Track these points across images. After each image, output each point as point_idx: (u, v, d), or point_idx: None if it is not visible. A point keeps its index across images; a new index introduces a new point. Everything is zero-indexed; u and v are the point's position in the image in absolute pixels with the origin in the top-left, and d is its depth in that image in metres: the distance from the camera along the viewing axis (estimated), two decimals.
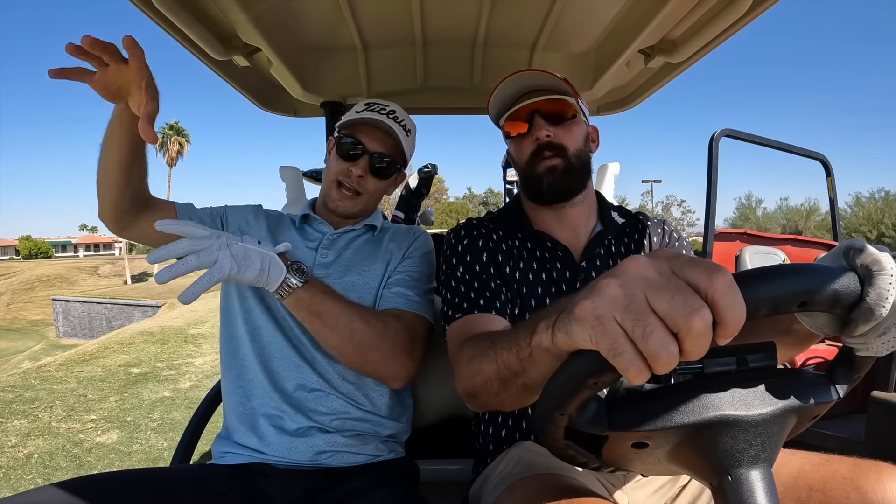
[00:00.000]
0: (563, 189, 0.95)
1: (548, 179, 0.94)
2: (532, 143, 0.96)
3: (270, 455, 0.93)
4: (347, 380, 0.97)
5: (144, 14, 0.98)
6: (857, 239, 0.46)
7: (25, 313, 25.98)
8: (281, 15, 1.17)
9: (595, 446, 0.49)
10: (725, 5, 1.02)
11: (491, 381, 0.63)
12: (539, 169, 0.95)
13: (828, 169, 3.08)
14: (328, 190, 1.07)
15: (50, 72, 0.77)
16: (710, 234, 2.47)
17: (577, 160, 0.96)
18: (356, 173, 1.04)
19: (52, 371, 5.18)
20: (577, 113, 0.97)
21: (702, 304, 0.34)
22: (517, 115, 0.97)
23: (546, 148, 0.94)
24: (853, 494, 0.64)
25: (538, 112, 0.95)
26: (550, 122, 0.95)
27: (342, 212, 1.07)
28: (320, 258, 1.04)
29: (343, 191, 1.05)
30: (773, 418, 0.43)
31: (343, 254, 1.06)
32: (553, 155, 0.94)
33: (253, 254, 0.83)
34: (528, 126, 0.96)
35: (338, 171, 1.05)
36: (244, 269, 0.82)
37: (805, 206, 36.72)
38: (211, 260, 0.78)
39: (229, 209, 1.10)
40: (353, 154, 1.04)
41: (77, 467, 3.10)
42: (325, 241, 1.06)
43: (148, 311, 16.80)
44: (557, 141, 0.94)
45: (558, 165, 0.94)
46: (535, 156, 0.95)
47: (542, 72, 0.95)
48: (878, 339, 0.44)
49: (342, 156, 1.05)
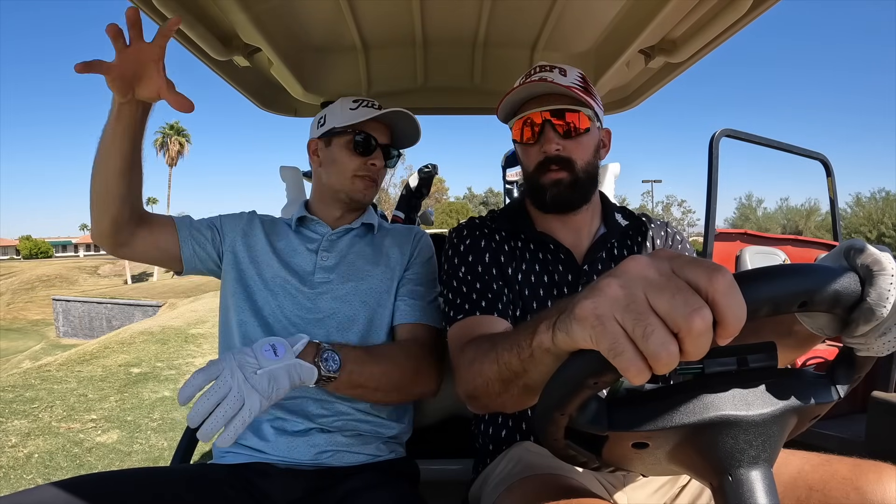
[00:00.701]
0: (567, 202, 0.94)
1: (552, 192, 0.92)
2: (540, 153, 0.93)
3: (271, 455, 0.94)
4: None
5: (145, 14, 0.97)
6: (858, 239, 0.46)
7: (26, 313, 25.98)
8: (281, 15, 1.17)
9: (595, 446, 0.49)
10: (725, 5, 1.02)
11: (492, 383, 0.63)
12: (544, 180, 0.93)
13: (828, 169, 3.07)
14: (349, 184, 1.07)
15: (76, 67, 0.77)
16: (710, 234, 2.47)
17: (584, 174, 0.93)
18: (379, 164, 1.08)
19: (53, 371, 5.18)
20: (590, 126, 0.93)
21: (702, 304, 0.34)
22: (528, 120, 0.94)
23: (553, 161, 0.92)
24: (853, 495, 0.64)
25: (550, 122, 0.92)
26: (561, 135, 0.91)
27: (367, 201, 1.11)
28: (321, 261, 1.04)
29: (367, 181, 1.08)
30: (774, 418, 0.43)
31: (345, 257, 1.06)
32: (560, 168, 0.91)
33: (278, 373, 0.75)
34: (538, 134, 0.93)
35: (357, 166, 1.06)
36: (275, 393, 0.74)
37: (805, 207, 36.75)
38: (238, 405, 0.71)
39: (224, 218, 1.10)
40: (370, 148, 1.07)
41: (77, 467, 3.10)
42: (325, 243, 1.06)
43: (148, 311, 16.78)
44: (566, 155, 0.92)
45: (564, 179, 0.92)
46: (542, 166, 0.93)
47: (565, 87, 0.89)
48: (879, 339, 0.44)
49: (360, 152, 1.06)
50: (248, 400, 0.71)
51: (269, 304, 1.00)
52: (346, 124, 1.05)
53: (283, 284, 1.01)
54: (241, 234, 1.07)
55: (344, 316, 1.00)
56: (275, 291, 1.01)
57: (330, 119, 1.08)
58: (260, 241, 1.06)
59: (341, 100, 1.10)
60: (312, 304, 1.00)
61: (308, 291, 1.01)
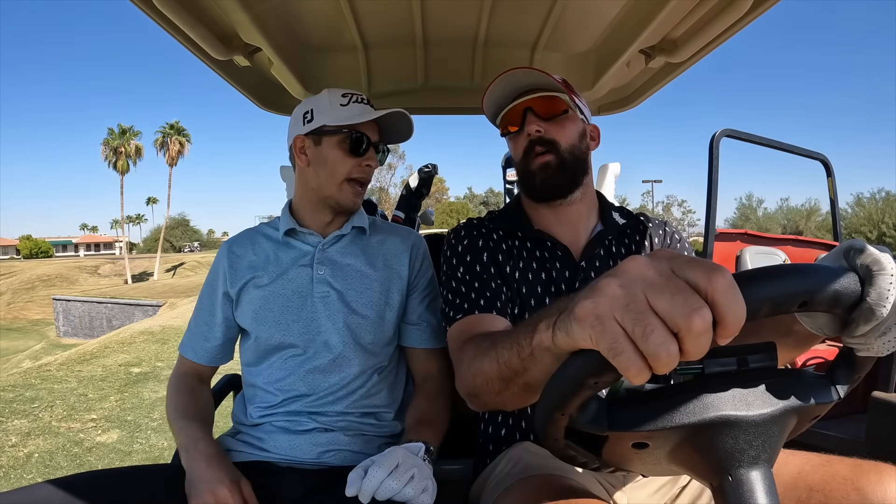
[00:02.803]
0: (557, 185, 0.95)
1: (541, 176, 0.95)
2: (525, 139, 0.97)
3: (273, 453, 0.94)
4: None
5: (145, 14, 0.98)
6: (858, 239, 0.46)
7: (26, 313, 25.99)
8: (281, 15, 1.17)
9: (595, 446, 0.49)
10: (726, 5, 1.02)
11: (492, 381, 0.63)
12: (532, 166, 0.96)
13: (828, 169, 3.07)
14: (337, 190, 1.01)
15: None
16: (710, 234, 2.46)
17: (570, 156, 0.95)
18: (374, 165, 1.03)
19: (53, 370, 5.18)
20: (568, 109, 0.97)
21: (702, 304, 0.34)
22: (511, 114, 0.99)
23: (537, 143, 0.95)
24: (853, 495, 0.64)
25: (530, 109, 0.96)
26: (541, 118, 0.96)
27: (356, 208, 1.05)
28: (317, 274, 1.01)
29: (357, 187, 1.03)
30: (774, 419, 0.43)
31: (340, 270, 1.02)
32: (545, 151, 0.95)
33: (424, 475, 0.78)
34: (520, 122, 0.97)
35: (350, 168, 1.00)
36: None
37: (806, 207, 36.71)
38: (421, 487, 0.73)
39: (219, 278, 1.05)
40: (365, 148, 1.01)
41: (77, 467, 3.10)
42: (318, 256, 1.02)
43: (148, 311, 16.79)
44: (549, 136, 0.95)
45: (551, 162, 0.94)
46: (528, 152, 0.96)
47: (532, 69, 0.95)
48: (879, 339, 0.44)
49: (355, 153, 1.00)
50: (432, 485, 0.75)
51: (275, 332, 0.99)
52: (342, 124, 0.99)
53: (286, 304, 0.99)
54: (231, 282, 1.02)
55: (355, 323, 0.99)
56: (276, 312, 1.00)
57: (319, 115, 1.00)
58: (249, 279, 1.02)
59: (328, 93, 1.02)
60: (314, 317, 0.99)
61: (310, 306, 0.99)
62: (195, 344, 1.06)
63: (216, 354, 1.07)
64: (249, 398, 1.02)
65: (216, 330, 1.05)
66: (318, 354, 0.97)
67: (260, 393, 1.00)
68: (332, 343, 0.98)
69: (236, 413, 1.05)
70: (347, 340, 0.98)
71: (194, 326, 1.07)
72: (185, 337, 1.09)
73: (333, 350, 0.97)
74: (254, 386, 1.02)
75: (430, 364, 1.06)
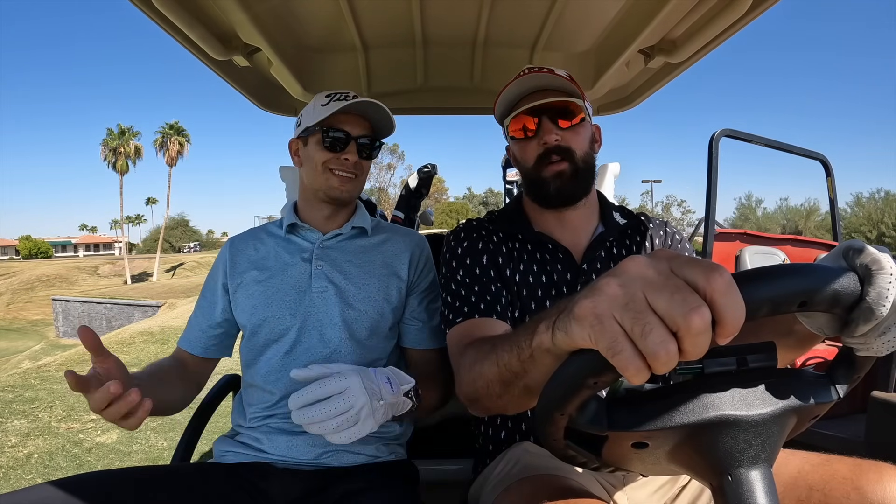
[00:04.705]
0: (571, 194, 0.94)
1: (555, 184, 0.93)
2: (539, 145, 0.94)
3: (271, 454, 0.94)
4: None
5: (144, 14, 0.98)
6: (857, 239, 0.46)
7: (25, 313, 25.98)
8: (281, 15, 1.17)
9: (595, 446, 0.49)
10: (725, 5, 1.02)
11: (492, 385, 0.63)
12: (546, 173, 0.93)
13: (828, 169, 3.07)
14: (323, 181, 1.03)
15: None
16: (710, 234, 2.47)
17: (583, 164, 0.94)
18: (352, 159, 1.03)
19: (52, 371, 5.18)
20: (584, 115, 0.95)
21: (701, 303, 0.34)
22: (524, 115, 0.95)
23: (554, 152, 0.92)
24: (853, 495, 0.64)
25: (546, 114, 0.93)
26: (559, 125, 0.93)
27: (347, 197, 1.05)
28: (316, 269, 1.02)
29: (342, 177, 1.03)
30: (774, 418, 0.43)
31: (339, 267, 1.04)
32: (561, 159, 0.92)
33: (393, 407, 0.85)
34: (535, 127, 0.94)
35: (328, 159, 1.02)
36: (382, 423, 0.83)
37: (805, 207, 36.78)
38: (350, 423, 0.79)
39: (220, 271, 1.07)
40: (342, 143, 1.02)
41: (77, 467, 3.10)
42: (318, 251, 1.04)
43: (148, 311, 16.78)
44: (566, 144, 0.93)
45: (566, 170, 0.92)
46: (542, 159, 0.93)
47: (553, 73, 0.92)
48: (879, 338, 0.44)
49: (332, 148, 1.02)
50: (362, 424, 0.79)
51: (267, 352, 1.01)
52: (317, 121, 1.02)
53: (284, 298, 1.00)
54: (241, 271, 1.05)
55: (352, 318, 1.00)
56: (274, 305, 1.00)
57: (305, 118, 1.06)
58: (250, 277, 1.04)
59: (316, 96, 1.06)
60: (311, 311, 0.99)
61: (307, 300, 1.00)
62: (190, 334, 1.08)
63: (210, 345, 1.07)
64: (248, 399, 1.02)
65: (213, 319, 1.06)
66: (314, 349, 0.98)
67: (258, 392, 1.00)
68: (329, 337, 0.98)
69: (235, 415, 1.05)
70: (343, 335, 0.98)
71: (193, 319, 1.09)
72: (183, 332, 1.10)
73: (329, 344, 0.98)
74: (252, 386, 1.02)
75: (430, 365, 1.06)
